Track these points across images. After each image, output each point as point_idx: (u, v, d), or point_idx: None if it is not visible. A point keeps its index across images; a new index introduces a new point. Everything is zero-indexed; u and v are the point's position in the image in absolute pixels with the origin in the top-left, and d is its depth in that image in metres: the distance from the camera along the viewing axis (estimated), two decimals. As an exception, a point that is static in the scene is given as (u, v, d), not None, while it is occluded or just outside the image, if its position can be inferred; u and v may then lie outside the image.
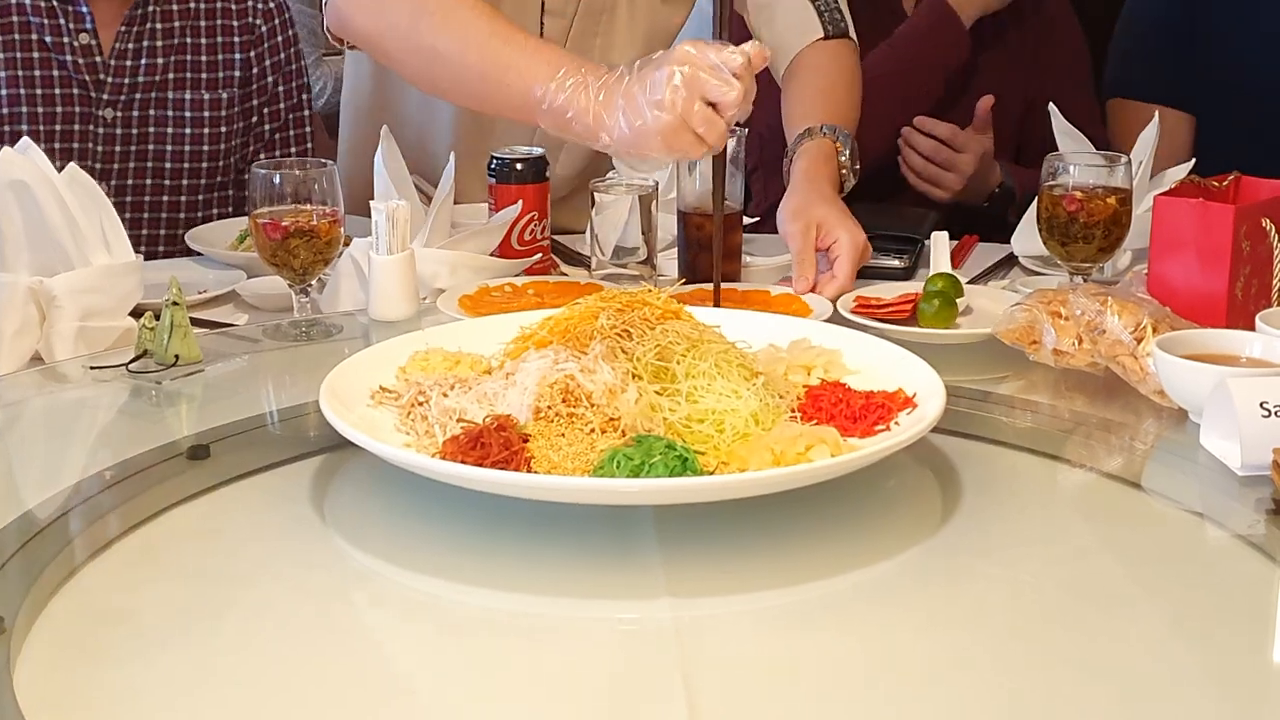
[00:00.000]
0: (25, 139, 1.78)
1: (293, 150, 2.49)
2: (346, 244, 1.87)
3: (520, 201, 2.01)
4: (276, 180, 1.78)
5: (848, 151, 2.03)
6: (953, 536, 1.32)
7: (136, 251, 1.81)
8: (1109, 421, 1.55)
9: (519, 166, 2.03)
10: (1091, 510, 1.42)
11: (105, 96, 2.33)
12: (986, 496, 1.38)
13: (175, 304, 1.64)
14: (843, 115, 2.09)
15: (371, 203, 1.83)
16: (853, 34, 2.21)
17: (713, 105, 1.64)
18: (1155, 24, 2.68)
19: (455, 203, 2.02)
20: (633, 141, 1.67)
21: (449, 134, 2.29)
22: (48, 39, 2.30)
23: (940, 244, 2.02)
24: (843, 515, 1.33)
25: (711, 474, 1.30)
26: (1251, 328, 1.58)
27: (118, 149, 2.34)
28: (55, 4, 2.30)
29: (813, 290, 1.87)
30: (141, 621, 1.19)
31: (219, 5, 2.41)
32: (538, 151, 2.05)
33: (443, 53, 1.84)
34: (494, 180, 2.04)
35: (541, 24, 2.25)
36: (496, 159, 2.04)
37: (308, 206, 1.78)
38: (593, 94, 1.69)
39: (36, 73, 2.30)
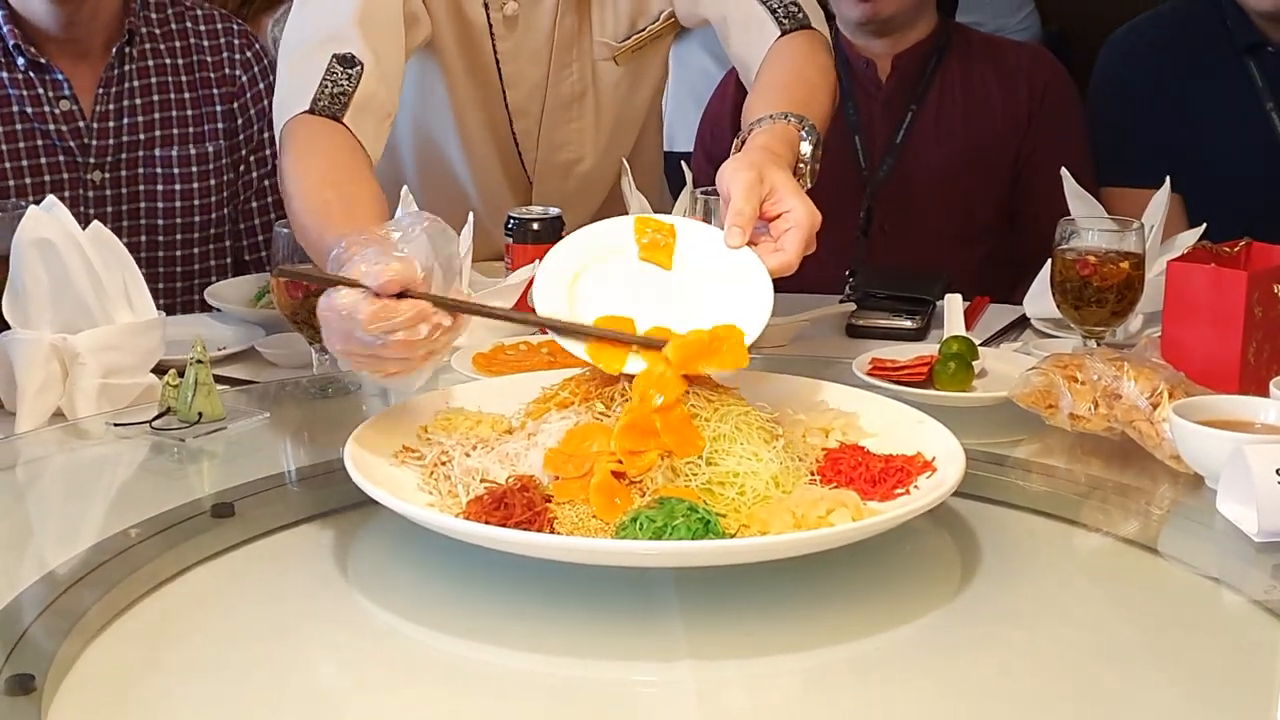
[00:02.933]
0: (51, 197, 1.80)
1: None
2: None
3: (537, 261, 2.02)
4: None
5: (810, 142, 1.73)
6: (971, 601, 1.33)
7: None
8: (1125, 486, 1.56)
9: (535, 226, 2.05)
10: (1109, 575, 1.43)
11: (92, 160, 2.35)
12: (1004, 560, 1.39)
13: (200, 362, 1.66)
14: (806, 105, 1.79)
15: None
16: (816, 24, 2.03)
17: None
18: (1124, 115, 2.70)
19: (472, 261, 2.04)
20: None
21: (469, 197, 2.31)
22: (29, 109, 2.32)
23: (954, 306, 2.03)
24: (863, 578, 1.33)
25: (733, 537, 1.31)
26: (1263, 392, 1.59)
27: (109, 209, 2.36)
28: (32, 74, 2.32)
29: (752, 244, 1.55)
30: (168, 680, 1.20)
31: (195, 59, 2.44)
32: (554, 211, 2.07)
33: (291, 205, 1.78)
34: (510, 239, 2.06)
35: (511, 126, 2.28)
36: (513, 219, 2.06)
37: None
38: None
39: (21, 144, 2.32)
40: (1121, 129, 2.70)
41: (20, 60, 2.30)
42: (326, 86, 1.86)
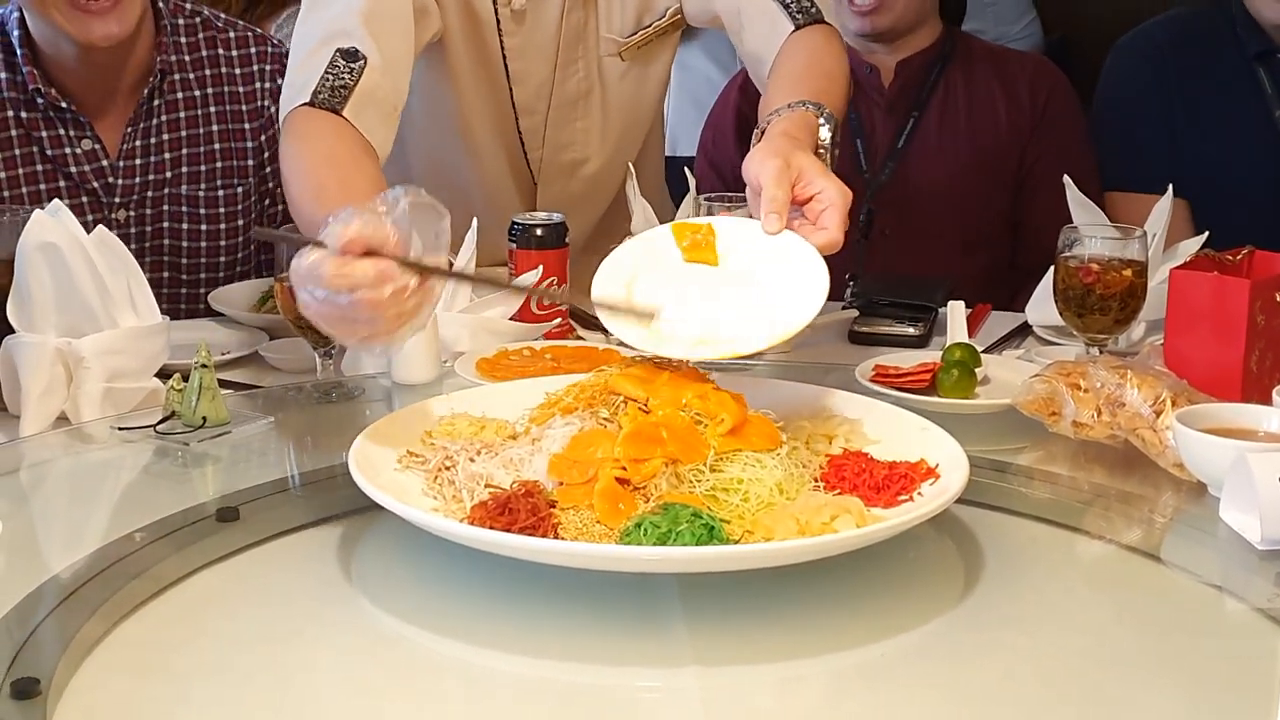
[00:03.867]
0: (56, 201, 1.80)
1: None
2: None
3: (540, 266, 2.03)
4: (303, 244, 1.79)
5: (829, 128, 1.76)
6: (975, 607, 1.33)
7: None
8: (1128, 494, 1.56)
9: (539, 232, 2.06)
10: (1111, 582, 1.43)
11: (117, 200, 2.32)
12: (1007, 568, 1.39)
13: (204, 366, 1.66)
14: (824, 94, 1.82)
15: (396, 267, 1.84)
16: (829, 18, 2.06)
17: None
18: (1131, 120, 2.71)
19: (476, 267, 2.04)
20: None
21: (474, 199, 2.31)
22: (49, 151, 2.29)
23: (957, 313, 2.03)
24: (866, 585, 1.34)
25: (737, 543, 1.31)
26: (1266, 400, 1.60)
27: (133, 247, 2.32)
28: (52, 115, 2.28)
29: (789, 229, 1.57)
30: (172, 684, 1.20)
31: (226, 90, 2.39)
32: (557, 217, 2.08)
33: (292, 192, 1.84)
34: (514, 245, 2.07)
35: (517, 124, 2.29)
36: (517, 224, 2.07)
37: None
38: None
39: (42, 186, 2.29)
40: (1128, 132, 2.70)
41: (40, 100, 2.27)
42: (328, 80, 1.89)
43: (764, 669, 1.25)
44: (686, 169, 2.30)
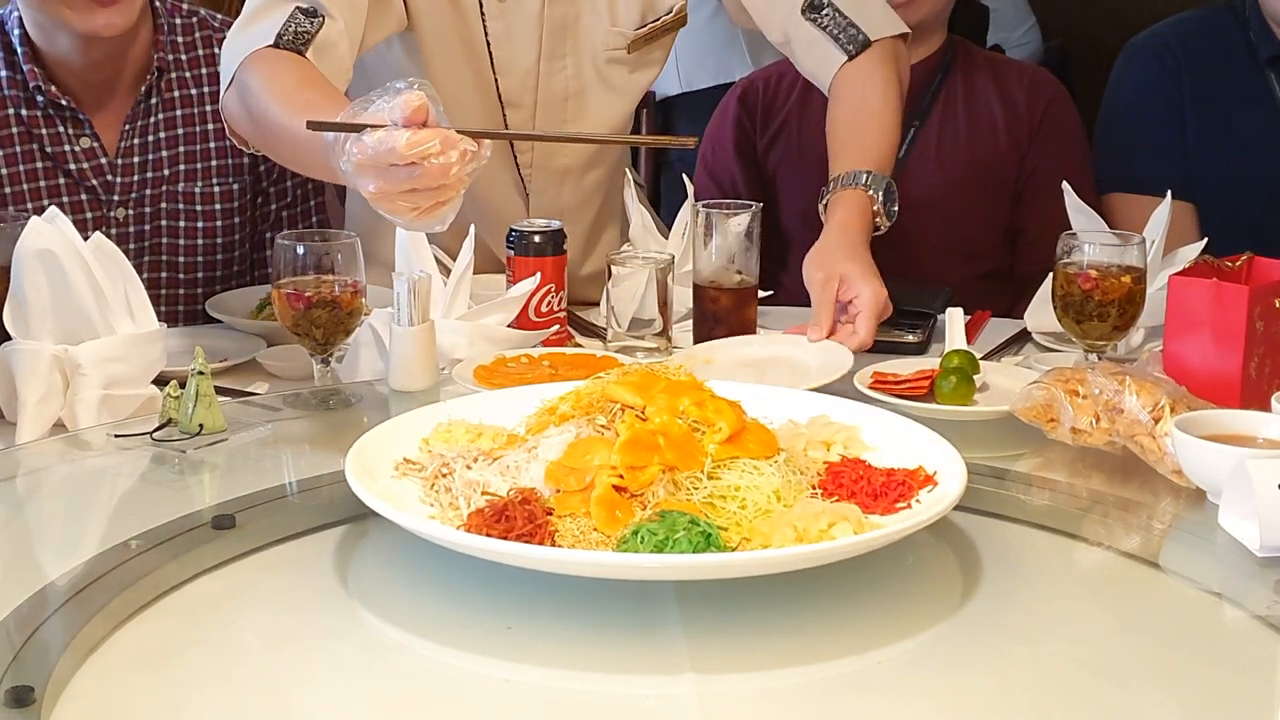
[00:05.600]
0: (53, 208, 1.80)
1: (299, 226, 2.50)
2: (366, 314, 1.89)
3: (538, 274, 2.03)
4: (300, 251, 1.79)
5: (881, 195, 2.06)
6: (973, 615, 1.33)
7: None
8: (1127, 501, 1.56)
9: (537, 239, 2.05)
10: (1110, 590, 1.43)
11: (116, 198, 2.34)
12: (1005, 575, 1.39)
13: (201, 373, 1.66)
14: (876, 149, 2.11)
15: (394, 274, 1.84)
16: (875, 34, 2.20)
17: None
18: (1141, 120, 2.71)
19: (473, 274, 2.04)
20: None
21: (466, 206, 2.31)
22: (49, 149, 2.30)
23: (955, 320, 2.03)
24: (864, 592, 1.33)
25: (734, 550, 1.31)
26: (1265, 407, 1.59)
27: (132, 246, 2.34)
28: (52, 113, 2.30)
29: (829, 337, 1.91)
30: (167, 692, 1.19)
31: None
32: (556, 224, 2.07)
33: (273, 128, 1.85)
34: (512, 252, 2.06)
35: (504, 118, 2.28)
36: (515, 231, 2.06)
37: (330, 277, 1.80)
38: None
39: (42, 183, 2.30)
40: (1137, 132, 2.70)
41: (40, 98, 2.28)
42: (290, 27, 1.94)
43: (761, 677, 1.24)
44: (685, 177, 2.30)
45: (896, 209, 2.08)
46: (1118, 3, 4.43)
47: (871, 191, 2.05)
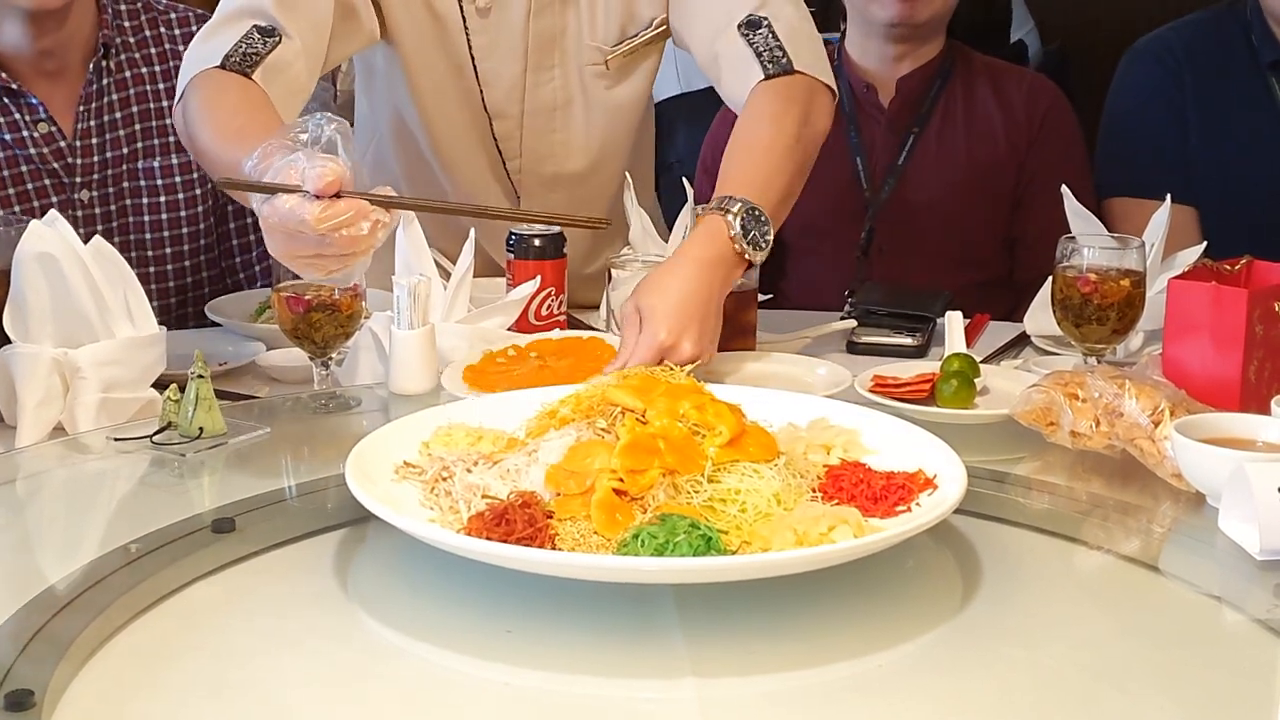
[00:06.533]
0: (53, 212, 1.80)
1: None
2: (366, 317, 1.89)
3: (539, 277, 2.03)
4: (300, 255, 1.79)
5: (739, 224, 1.83)
6: (973, 618, 1.33)
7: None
8: (1126, 504, 1.56)
9: (537, 242, 2.05)
10: (1110, 593, 1.43)
11: (78, 180, 2.35)
12: (1005, 578, 1.39)
13: (200, 377, 1.66)
14: (760, 176, 1.92)
15: (394, 277, 1.84)
16: (801, 67, 2.06)
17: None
18: (1143, 124, 2.71)
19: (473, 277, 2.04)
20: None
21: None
22: (7, 136, 2.32)
23: (955, 324, 2.03)
24: (864, 595, 1.33)
25: (734, 553, 1.31)
26: (1265, 411, 1.59)
27: (99, 228, 2.35)
28: (6, 100, 2.31)
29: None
30: (168, 696, 1.19)
31: (172, 65, 2.42)
32: (555, 228, 2.07)
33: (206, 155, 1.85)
34: (512, 256, 2.06)
35: (491, 128, 2.28)
36: (515, 234, 2.06)
37: (330, 281, 1.79)
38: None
39: (5, 172, 2.32)
40: (1139, 136, 2.70)
41: None
42: (240, 47, 1.92)
43: (761, 680, 1.24)
44: (685, 180, 2.30)
45: (768, 242, 1.87)
46: (1117, 5, 4.43)
47: (730, 218, 1.84)
